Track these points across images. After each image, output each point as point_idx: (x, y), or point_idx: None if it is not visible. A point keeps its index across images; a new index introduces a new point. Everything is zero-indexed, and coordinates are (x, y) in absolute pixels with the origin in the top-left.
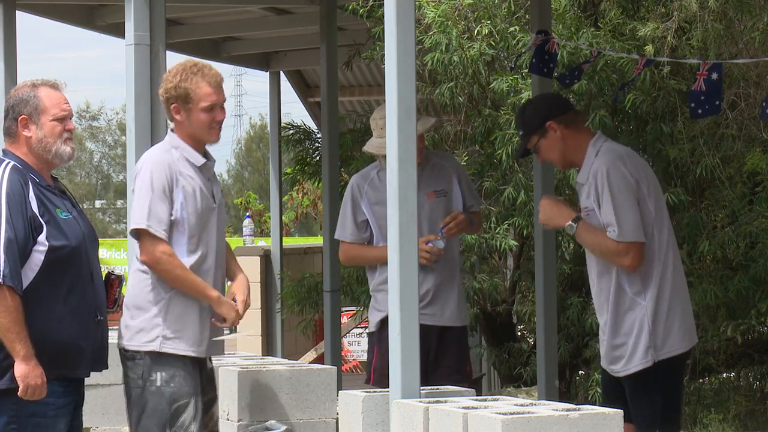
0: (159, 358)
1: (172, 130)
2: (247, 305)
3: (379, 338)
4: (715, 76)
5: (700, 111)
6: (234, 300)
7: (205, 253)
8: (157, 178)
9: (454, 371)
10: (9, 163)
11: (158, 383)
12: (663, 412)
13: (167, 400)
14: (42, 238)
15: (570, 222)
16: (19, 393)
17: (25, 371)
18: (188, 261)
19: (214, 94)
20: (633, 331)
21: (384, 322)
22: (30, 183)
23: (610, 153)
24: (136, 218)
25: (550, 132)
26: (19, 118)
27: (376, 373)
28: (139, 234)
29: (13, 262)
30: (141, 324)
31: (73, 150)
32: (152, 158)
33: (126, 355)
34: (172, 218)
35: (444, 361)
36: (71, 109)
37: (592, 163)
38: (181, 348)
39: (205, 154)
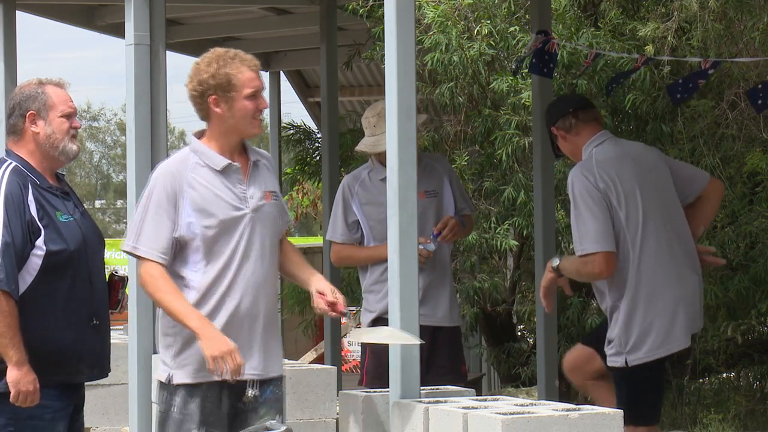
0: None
1: (195, 135)
2: (339, 300)
3: None
4: (711, 71)
5: (678, 96)
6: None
7: (225, 270)
8: (157, 192)
9: (448, 371)
10: (10, 164)
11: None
12: (632, 407)
13: None
14: (40, 242)
15: (554, 259)
16: (10, 399)
17: (17, 377)
18: (201, 281)
19: (257, 79)
20: (614, 332)
21: (375, 323)
22: (30, 185)
23: (581, 164)
24: (127, 238)
25: (557, 136)
26: (27, 114)
27: (368, 375)
28: (127, 253)
29: (10, 267)
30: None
31: (78, 148)
32: (159, 169)
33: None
34: (177, 235)
35: (437, 362)
36: (76, 107)
37: None
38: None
39: (233, 155)
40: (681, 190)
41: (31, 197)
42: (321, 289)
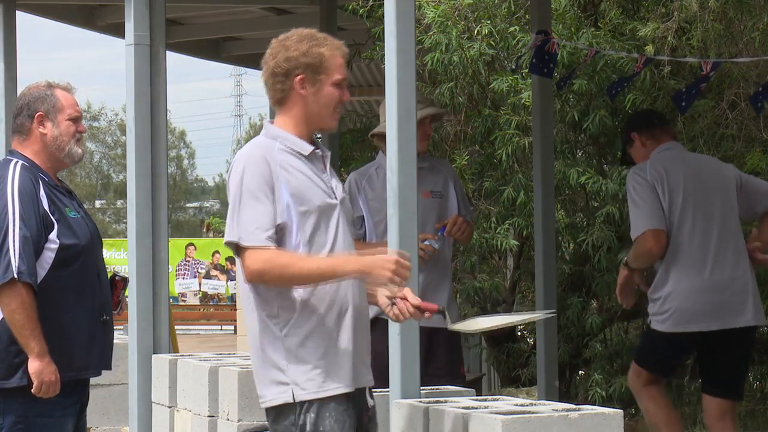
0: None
1: (269, 122)
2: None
3: None
4: (712, 74)
5: (683, 104)
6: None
7: None
8: (248, 177)
9: (445, 373)
10: (18, 162)
11: None
12: (640, 351)
13: None
14: (53, 235)
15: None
16: (33, 390)
17: (40, 368)
18: None
19: (346, 68)
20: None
21: (373, 323)
22: (40, 181)
23: (637, 165)
24: (227, 233)
25: (634, 142)
26: (36, 115)
27: None
28: (237, 250)
29: (29, 259)
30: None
31: (83, 152)
32: (243, 155)
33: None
34: (279, 222)
35: (434, 363)
36: (82, 112)
37: None
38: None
39: (313, 143)
40: (749, 201)
41: (42, 192)
42: (400, 293)
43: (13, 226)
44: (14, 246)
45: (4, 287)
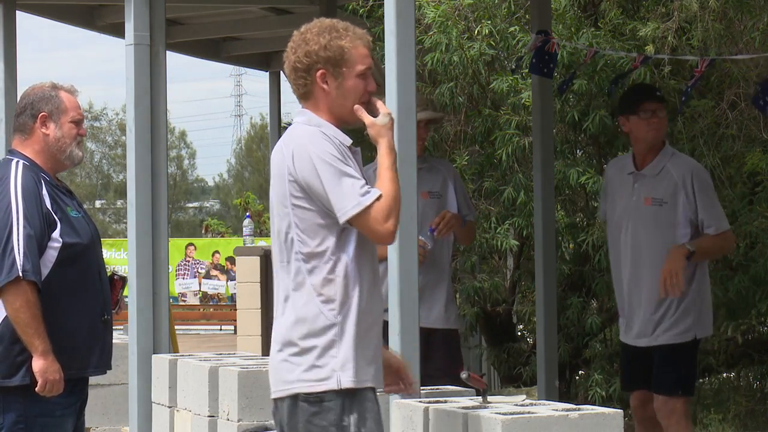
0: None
1: (302, 110)
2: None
3: None
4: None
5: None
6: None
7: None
8: (328, 150)
9: (443, 374)
10: (19, 161)
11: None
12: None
13: None
14: (56, 234)
15: (682, 246)
16: (37, 389)
17: (44, 366)
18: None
19: (369, 57)
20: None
21: None
22: (42, 181)
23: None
24: (344, 209)
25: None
26: (39, 115)
27: None
28: (357, 218)
29: (34, 258)
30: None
31: (83, 155)
32: (305, 135)
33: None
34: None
35: (432, 364)
36: (84, 116)
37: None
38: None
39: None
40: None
41: (45, 191)
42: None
43: (17, 225)
44: (19, 245)
45: (8, 286)
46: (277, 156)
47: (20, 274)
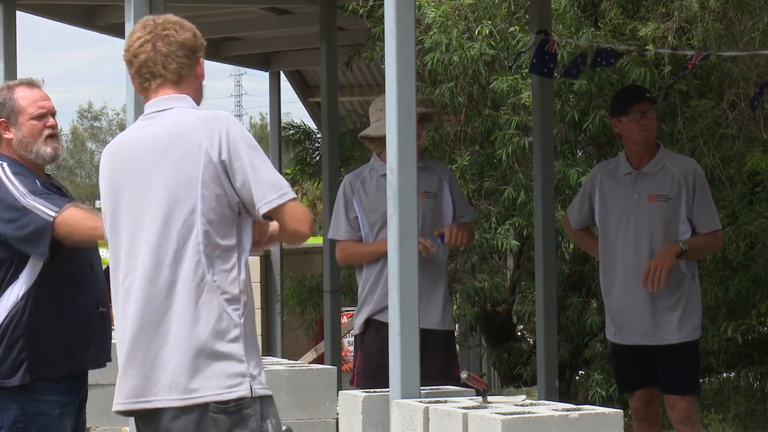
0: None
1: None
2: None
3: (361, 341)
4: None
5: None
6: None
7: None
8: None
9: (439, 375)
10: (3, 163)
11: None
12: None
13: None
14: None
15: (676, 243)
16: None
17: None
18: None
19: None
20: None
21: (367, 324)
22: (33, 176)
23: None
24: (270, 195)
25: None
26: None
27: (359, 376)
28: (285, 207)
29: (51, 200)
30: None
31: (54, 150)
32: (223, 117)
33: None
34: None
35: (428, 365)
36: (51, 106)
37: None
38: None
39: None
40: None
41: (39, 183)
42: None
43: (24, 197)
44: (36, 201)
45: (57, 223)
46: (186, 134)
47: (55, 214)
